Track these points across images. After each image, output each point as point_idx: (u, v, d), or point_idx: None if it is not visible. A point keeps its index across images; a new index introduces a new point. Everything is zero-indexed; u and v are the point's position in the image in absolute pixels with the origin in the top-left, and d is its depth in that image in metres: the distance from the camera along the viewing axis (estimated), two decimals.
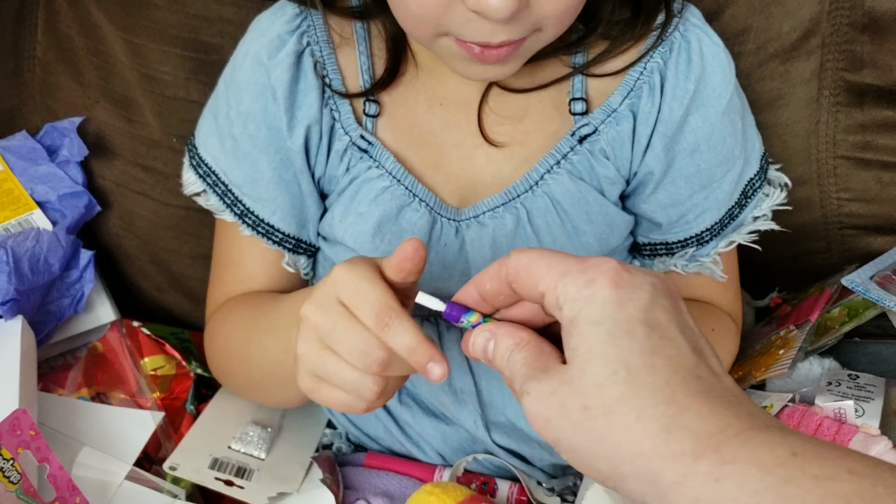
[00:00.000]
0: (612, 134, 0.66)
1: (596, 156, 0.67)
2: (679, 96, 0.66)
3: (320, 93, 0.66)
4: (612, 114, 0.67)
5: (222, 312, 0.72)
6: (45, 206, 0.78)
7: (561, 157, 0.67)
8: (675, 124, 0.66)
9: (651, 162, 0.67)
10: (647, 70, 0.66)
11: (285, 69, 0.65)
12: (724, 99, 0.67)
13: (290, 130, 0.66)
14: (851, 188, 0.82)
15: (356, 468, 0.72)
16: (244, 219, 0.70)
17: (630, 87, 0.66)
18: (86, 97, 0.82)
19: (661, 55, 0.66)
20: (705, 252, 0.71)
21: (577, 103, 0.67)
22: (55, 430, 0.70)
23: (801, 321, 0.76)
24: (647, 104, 0.66)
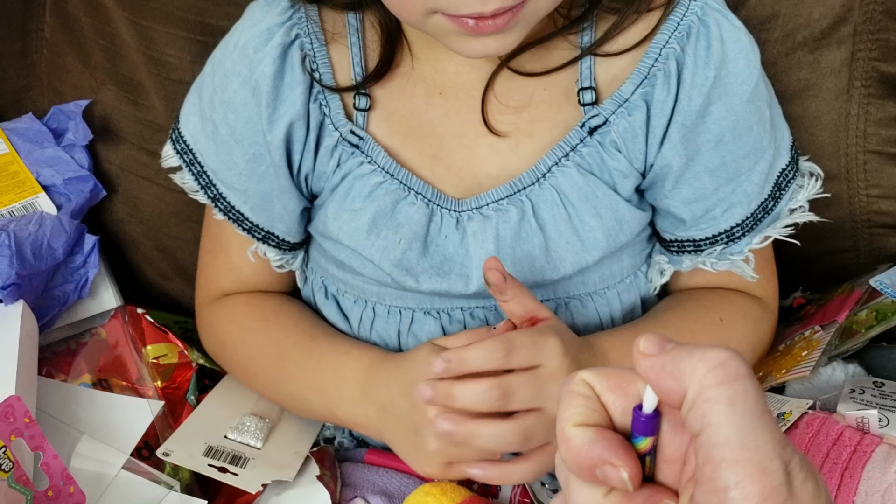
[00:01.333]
0: (623, 125, 0.64)
1: (607, 148, 0.64)
2: (698, 84, 0.63)
3: (307, 88, 0.65)
4: (624, 103, 0.64)
5: (230, 313, 0.73)
6: (50, 190, 0.78)
7: (570, 150, 0.64)
8: (694, 114, 0.63)
9: (669, 154, 0.64)
10: (661, 56, 0.63)
11: (270, 63, 0.64)
12: (748, 86, 0.64)
13: (270, 125, 0.65)
14: (882, 185, 0.79)
15: (356, 464, 0.71)
16: (216, 203, 0.70)
17: (643, 74, 0.63)
18: (92, 80, 0.82)
19: (678, 41, 0.63)
20: (738, 249, 0.68)
21: (586, 93, 0.64)
22: (53, 418, 0.69)
23: (827, 322, 0.73)
24: (662, 93, 0.63)
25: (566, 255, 0.65)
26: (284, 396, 0.71)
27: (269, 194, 0.68)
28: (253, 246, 0.71)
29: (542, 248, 0.64)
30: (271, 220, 0.70)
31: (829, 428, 0.63)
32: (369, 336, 0.70)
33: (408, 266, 0.65)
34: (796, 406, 0.66)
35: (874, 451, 0.61)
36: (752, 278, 0.69)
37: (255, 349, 0.72)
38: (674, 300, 0.71)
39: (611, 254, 0.66)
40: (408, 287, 0.66)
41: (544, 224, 0.64)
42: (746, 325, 0.70)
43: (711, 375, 0.31)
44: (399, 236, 0.65)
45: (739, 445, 0.30)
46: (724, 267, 0.69)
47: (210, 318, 0.75)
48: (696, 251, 0.69)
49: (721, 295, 0.70)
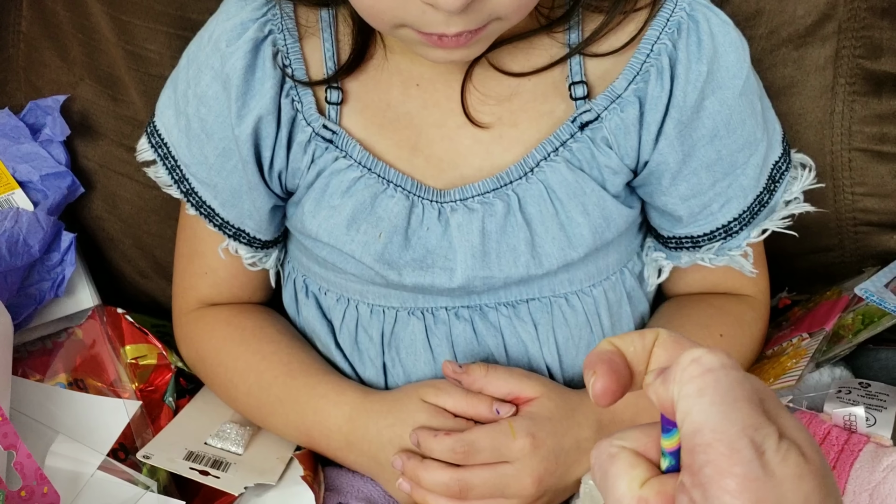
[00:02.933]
0: (615, 121, 0.63)
1: (598, 144, 0.64)
2: (693, 79, 0.63)
3: (278, 83, 0.65)
4: (617, 99, 0.63)
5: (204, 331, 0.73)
6: (26, 186, 0.77)
7: (560, 145, 0.64)
8: (690, 109, 0.63)
9: (665, 150, 0.64)
10: (653, 53, 0.63)
11: (241, 57, 0.64)
12: (739, 80, 0.64)
13: (238, 119, 0.65)
14: (867, 182, 0.79)
15: (339, 469, 0.70)
16: (189, 197, 0.70)
17: (636, 70, 0.63)
18: (70, 74, 0.81)
19: (669, 37, 0.63)
20: (736, 244, 0.68)
21: (577, 87, 0.64)
22: (28, 417, 0.68)
23: (815, 329, 0.73)
24: (656, 89, 0.63)
25: (552, 251, 0.64)
26: (270, 428, 0.71)
27: (238, 190, 0.68)
28: (224, 243, 0.71)
29: (528, 243, 0.64)
30: (241, 217, 0.69)
31: (817, 427, 0.63)
32: (354, 337, 0.69)
33: (389, 260, 0.65)
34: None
35: (861, 450, 0.61)
36: (752, 273, 0.69)
37: (236, 375, 0.71)
38: (674, 319, 0.70)
39: (597, 250, 0.66)
40: (391, 281, 0.65)
41: (531, 219, 0.64)
42: (744, 333, 0.70)
43: (685, 373, 0.35)
44: (379, 230, 0.64)
45: (709, 430, 0.33)
46: (723, 262, 0.68)
47: (189, 332, 0.74)
48: (695, 247, 0.68)
49: (717, 308, 0.70)
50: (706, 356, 0.35)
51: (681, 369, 0.35)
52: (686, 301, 0.73)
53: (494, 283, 0.65)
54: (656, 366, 0.39)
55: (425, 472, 0.61)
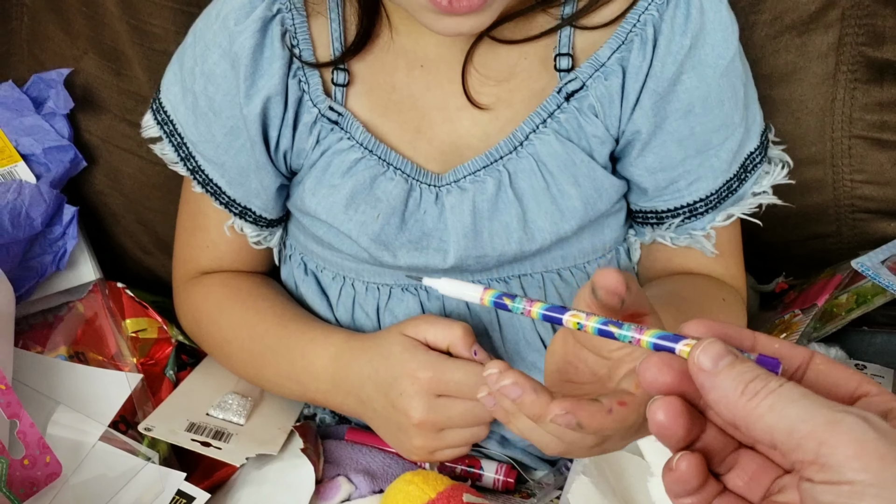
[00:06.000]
0: (600, 89, 0.64)
1: (584, 113, 0.64)
2: (673, 51, 0.63)
3: (286, 63, 0.65)
4: (601, 68, 0.64)
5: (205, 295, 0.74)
6: (29, 159, 0.77)
7: (547, 116, 0.64)
8: (666, 81, 0.63)
9: (639, 120, 0.64)
10: (640, 22, 0.63)
11: (249, 36, 0.64)
12: (723, 59, 0.64)
13: (247, 98, 0.65)
14: (866, 170, 0.80)
15: (338, 442, 0.70)
16: (195, 175, 0.70)
17: (621, 39, 0.63)
18: (74, 48, 0.81)
19: (658, 7, 0.63)
20: (700, 225, 0.68)
21: (562, 59, 0.64)
22: (31, 388, 0.69)
23: (807, 305, 0.74)
24: (638, 58, 0.63)
25: (544, 225, 0.64)
26: (263, 382, 0.72)
27: (246, 169, 0.68)
28: (230, 221, 0.71)
29: (520, 219, 0.64)
30: (248, 196, 0.69)
31: None
32: (350, 313, 0.70)
33: (385, 241, 0.65)
34: None
35: None
36: (712, 253, 0.69)
37: (230, 331, 0.72)
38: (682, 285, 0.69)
39: (590, 225, 0.66)
40: (385, 262, 0.66)
41: (522, 194, 0.64)
42: (739, 307, 0.70)
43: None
44: (377, 211, 0.65)
45: (800, 421, 0.34)
46: (684, 242, 0.68)
47: (187, 298, 0.75)
48: (658, 223, 0.69)
49: (713, 280, 0.70)
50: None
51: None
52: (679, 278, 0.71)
53: (488, 261, 0.66)
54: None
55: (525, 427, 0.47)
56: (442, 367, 0.61)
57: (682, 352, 0.39)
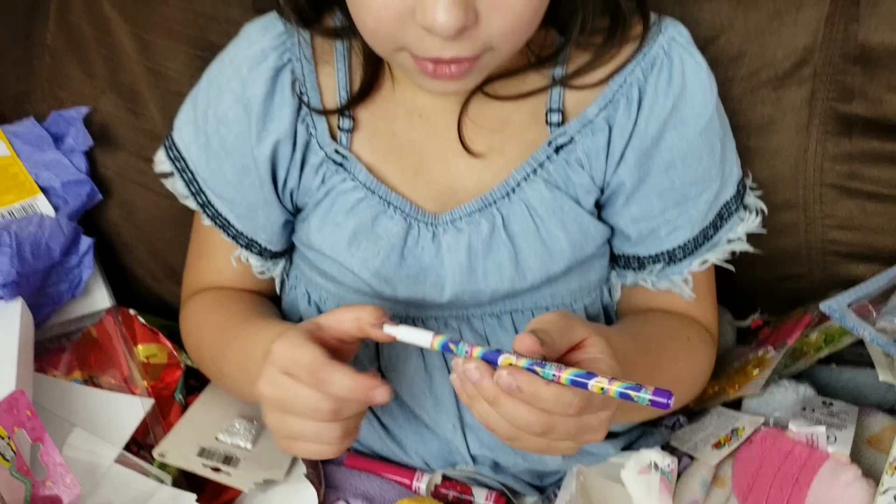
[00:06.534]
0: (587, 143, 0.68)
1: (572, 165, 0.68)
2: (656, 112, 0.67)
3: (295, 109, 0.69)
4: (588, 124, 0.68)
5: (196, 304, 0.77)
6: (48, 192, 0.81)
7: (537, 166, 0.68)
8: (650, 139, 0.68)
9: (623, 174, 0.69)
10: (626, 83, 0.68)
11: (261, 84, 0.68)
12: (703, 119, 0.68)
13: (258, 141, 0.69)
14: (836, 215, 0.84)
15: (338, 467, 0.74)
16: (205, 209, 0.74)
17: (608, 99, 0.68)
18: (93, 87, 0.85)
19: (642, 70, 0.67)
20: (678, 270, 0.72)
21: (553, 114, 0.69)
22: (48, 411, 0.72)
23: (779, 343, 0.78)
24: (624, 117, 0.68)
25: (535, 265, 0.69)
26: (224, 378, 0.74)
27: (255, 205, 0.72)
28: (237, 252, 0.75)
29: (512, 259, 0.68)
30: (255, 229, 0.73)
31: (782, 444, 0.68)
32: None
33: (385, 275, 0.69)
34: (749, 422, 0.71)
35: (822, 466, 0.65)
36: (690, 297, 0.73)
37: (205, 332, 0.75)
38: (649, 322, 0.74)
39: (578, 267, 0.71)
40: (385, 295, 0.70)
41: (514, 235, 0.68)
42: (704, 348, 0.74)
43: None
44: (378, 248, 0.69)
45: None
46: (664, 286, 0.73)
47: (185, 312, 0.79)
48: (640, 268, 0.73)
49: (684, 319, 0.74)
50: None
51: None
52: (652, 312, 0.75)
53: (482, 297, 0.70)
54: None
55: (513, 405, 0.53)
56: (297, 345, 0.57)
57: (593, 387, 0.50)
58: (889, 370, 0.71)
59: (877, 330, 0.71)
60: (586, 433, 0.55)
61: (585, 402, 0.52)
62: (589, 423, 0.55)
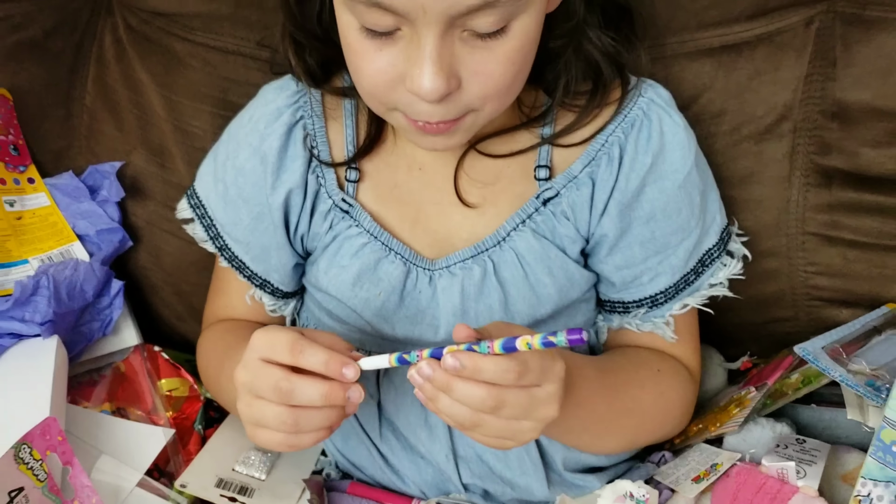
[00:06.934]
0: (572, 197, 0.73)
1: (558, 217, 0.73)
2: (636, 168, 0.72)
3: (306, 161, 0.75)
4: (573, 180, 0.73)
5: (210, 332, 0.83)
6: (84, 239, 0.88)
7: (526, 217, 0.74)
8: (630, 193, 0.72)
9: (606, 225, 0.73)
10: (608, 143, 0.72)
11: (276, 138, 0.74)
12: (681, 174, 0.73)
13: (272, 190, 0.75)
14: (818, 262, 0.87)
15: (341, 494, 0.79)
16: (222, 252, 0.80)
17: (591, 157, 0.73)
18: (126, 144, 0.91)
19: (623, 130, 0.72)
20: (660, 313, 0.77)
21: (541, 170, 0.74)
22: (79, 439, 0.78)
23: (760, 383, 0.82)
24: (606, 173, 0.72)
25: (523, 309, 0.74)
26: (222, 393, 0.79)
27: (268, 248, 0.78)
28: (251, 291, 0.81)
29: (502, 303, 0.73)
30: (268, 270, 0.79)
31: (755, 478, 0.72)
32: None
33: (385, 315, 0.75)
34: (727, 458, 0.75)
35: (791, 499, 0.69)
36: (672, 339, 0.78)
37: (213, 353, 0.81)
38: (620, 352, 0.79)
39: (564, 310, 0.76)
40: (384, 334, 0.75)
41: (504, 281, 0.73)
42: (678, 381, 0.78)
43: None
44: (379, 289, 0.74)
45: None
46: (648, 328, 0.77)
47: (200, 339, 0.84)
48: (625, 312, 0.78)
49: (659, 355, 0.79)
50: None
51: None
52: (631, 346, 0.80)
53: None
54: None
55: (462, 385, 0.57)
56: (276, 331, 0.60)
57: (520, 344, 0.56)
58: (858, 409, 0.75)
59: (848, 372, 0.75)
60: (538, 407, 0.59)
61: (522, 366, 0.58)
62: (537, 395, 0.59)
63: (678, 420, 0.80)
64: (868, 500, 0.66)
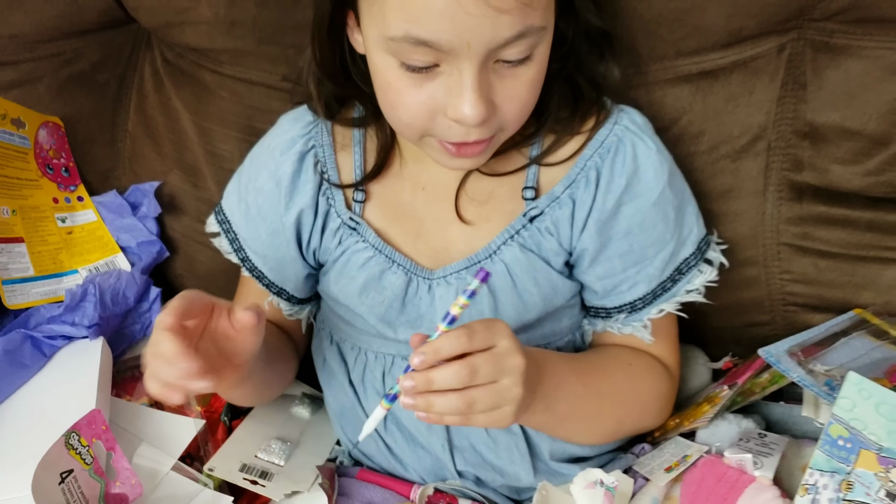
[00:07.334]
0: (555, 215, 0.80)
1: (542, 232, 0.80)
2: (612, 189, 0.79)
3: (317, 185, 0.83)
4: (556, 200, 0.80)
5: None
6: (126, 251, 0.96)
7: (514, 233, 0.81)
8: (608, 212, 0.79)
9: (586, 240, 0.80)
10: (586, 167, 0.79)
11: (290, 164, 0.82)
12: (655, 192, 0.79)
13: (286, 209, 0.83)
14: (793, 271, 0.92)
15: (351, 479, 0.88)
16: (244, 262, 0.88)
17: (572, 179, 0.80)
18: (163, 165, 0.99)
19: (600, 155, 0.79)
20: (638, 318, 0.83)
21: (528, 191, 0.81)
22: (121, 428, 0.86)
23: (732, 382, 0.89)
24: (584, 194, 0.79)
25: (511, 315, 0.81)
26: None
27: (283, 260, 0.86)
28: (270, 297, 0.89)
29: (492, 308, 0.81)
30: (283, 280, 0.88)
31: (718, 468, 0.78)
32: (362, 375, 0.87)
33: (389, 320, 0.83)
34: (696, 450, 0.82)
35: (747, 487, 0.76)
36: (650, 341, 0.84)
37: None
38: (595, 349, 0.87)
39: (549, 316, 0.83)
40: (388, 337, 0.83)
41: (494, 290, 0.81)
42: (652, 376, 0.85)
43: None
44: (383, 297, 0.82)
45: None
46: (628, 331, 0.84)
47: None
48: (607, 317, 0.85)
49: (633, 350, 0.86)
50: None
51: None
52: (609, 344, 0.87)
53: None
54: None
55: (436, 373, 0.64)
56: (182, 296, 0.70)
57: (451, 309, 0.66)
58: (814, 407, 0.81)
59: (807, 373, 0.82)
60: (504, 361, 0.66)
61: (468, 328, 0.65)
62: (498, 353, 0.66)
63: (656, 412, 0.86)
64: (815, 489, 0.72)
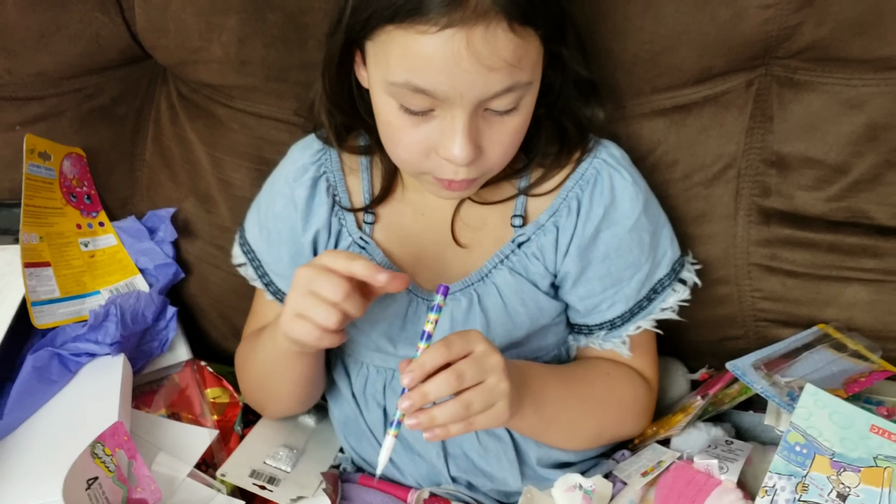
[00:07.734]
0: (541, 241, 0.87)
1: (529, 257, 0.87)
2: (592, 218, 0.86)
3: (330, 207, 0.89)
4: (541, 227, 0.87)
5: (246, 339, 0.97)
6: (144, 273, 1.02)
7: (504, 257, 0.88)
8: (587, 238, 0.86)
9: (568, 264, 0.87)
10: (568, 197, 0.86)
11: (304, 189, 0.89)
12: (630, 220, 0.86)
13: (303, 231, 0.90)
14: (762, 289, 0.98)
15: (353, 484, 0.95)
16: (268, 287, 0.94)
17: (555, 208, 0.87)
18: (178, 193, 1.05)
19: (580, 186, 0.86)
20: (617, 334, 0.90)
21: (516, 219, 0.88)
22: (141, 438, 0.91)
23: (705, 393, 0.96)
24: (567, 223, 0.86)
25: (501, 332, 0.88)
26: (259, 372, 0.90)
27: None
28: None
29: (484, 327, 0.88)
30: None
31: (687, 472, 0.85)
32: (363, 388, 0.94)
33: (390, 336, 0.89)
34: (670, 456, 0.89)
35: (714, 490, 0.83)
36: (628, 356, 0.91)
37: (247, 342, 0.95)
38: (579, 360, 0.94)
39: (536, 333, 0.89)
40: (388, 352, 0.90)
41: (486, 310, 0.88)
42: (631, 382, 0.91)
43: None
44: (386, 314, 0.89)
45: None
46: (608, 347, 0.91)
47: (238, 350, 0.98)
48: (589, 333, 0.92)
49: (611, 361, 0.92)
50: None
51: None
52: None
53: None
54: None
55: (428, 385, 0.70)
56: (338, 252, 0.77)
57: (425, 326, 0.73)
58: (775, 416, 0.88)
59: (770, 384, 0.89)
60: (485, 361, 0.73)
61: (445, 341, 0.72)
62: (478, 356, 0.73)
63: (634, 418, 0.93)
64: (773, 490, 0.79)
